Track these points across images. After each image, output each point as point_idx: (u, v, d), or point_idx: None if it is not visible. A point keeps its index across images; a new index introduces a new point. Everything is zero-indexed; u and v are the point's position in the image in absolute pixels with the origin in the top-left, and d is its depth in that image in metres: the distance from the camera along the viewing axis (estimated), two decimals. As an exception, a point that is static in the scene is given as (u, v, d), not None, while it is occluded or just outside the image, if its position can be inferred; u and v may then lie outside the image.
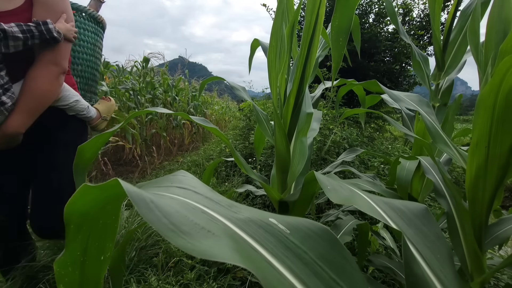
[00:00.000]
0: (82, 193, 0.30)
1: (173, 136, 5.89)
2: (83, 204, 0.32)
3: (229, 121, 9.44)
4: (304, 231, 0.31)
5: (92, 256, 0.36)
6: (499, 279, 1.21)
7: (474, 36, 0.73)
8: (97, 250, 0.37)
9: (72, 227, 0.33)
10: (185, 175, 0.42)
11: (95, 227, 0.35)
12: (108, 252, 0.38)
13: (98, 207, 0.34)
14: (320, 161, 2.77)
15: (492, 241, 0.66)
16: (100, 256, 0.37)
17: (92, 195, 0.31)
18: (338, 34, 0.74)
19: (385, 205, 0.48)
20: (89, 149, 0.58)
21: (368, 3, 6.20)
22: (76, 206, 0.31)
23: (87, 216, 0.33)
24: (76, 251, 0.35)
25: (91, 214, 0.34)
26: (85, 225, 0.34)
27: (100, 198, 0.32)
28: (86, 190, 0.30)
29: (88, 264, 0.36)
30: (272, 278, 0.25)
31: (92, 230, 0.35)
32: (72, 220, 0.32)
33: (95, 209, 0.34)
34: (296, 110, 0.86)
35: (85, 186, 0.30)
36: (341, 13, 0.73)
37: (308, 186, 0.73)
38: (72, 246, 0.34)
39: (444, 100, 1.10)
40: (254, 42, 1.20)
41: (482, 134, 0.53)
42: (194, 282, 1.54)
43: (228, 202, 0.34)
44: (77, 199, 0.31)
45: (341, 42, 0.75)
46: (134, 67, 5.54)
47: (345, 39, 0.74)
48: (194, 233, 0.26)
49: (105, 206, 0.34)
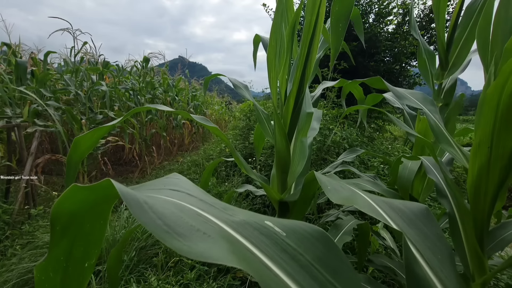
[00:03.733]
0: (71, 193, 0.29)
1: (173, 136, 5.89)
2: (71, 204, 0.30)
3: (229, 121, 9.44)
4: (300, 233, 0.30)
5: (76, 262, 0.34)
6: (499, 279, 1.20)
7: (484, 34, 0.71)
8: (82, 255, 0.34)
9: (57, 229, 0.30)
10: (179, 177, 0.41)
11: (82, 230, 0.33)
12: (93, 259, 0.35)
13: (87, 209, 0.32)
14: (320, 161, 2.76)
15: (495, 246, 0.65)
16: (84, 262, 0.35)
17: (81, 196, 0.30)
18: (338, 20, 0.74)
19: (386, 205, 0.48)
20: (85, 141, 0.56)
21: (368, 3, 6.19)
22: (64, 207, 0.29)
23: (75, 218, 0.31)
24: (60, 256, 0.32)
25: (79, 216, 0.32)
26: (72, 227, 0.32)
27: (89, 200, 0.31)
28: (75, 190, 0.28)
29: (71, 270, 0.34)
30: (269, 279, 0.24)
31: (78, 233, 0.33)
32: (59, 221, 0.30)
33: (83, 211, 0.32)
34: (296, 110, 0.86)
35: (75, 186, 0.28)
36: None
37: (308, 186, 0.72)
38: (56, 250, 0.32)
39: (447, 100, 1.09)
40: (256, 37, 1.19)
41: (485, 134, 0.52)
42: (194, 282, 1.53)
43: (223, 205, 0.34)
44: (66, 199, 0.29)
45: (341, 28, 0.74)
46: (134, 67, 5.54)
47: (344, 25, 0.74)
48: (190, 235, 0.25)
49: (94, 208, 0.33)
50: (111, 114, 3.76)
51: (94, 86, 3.63)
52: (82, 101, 3.56)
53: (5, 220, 2.05)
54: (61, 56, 4.09)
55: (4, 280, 1.43)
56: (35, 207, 2.30)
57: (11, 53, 3.48)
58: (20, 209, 2.22)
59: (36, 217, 2.19)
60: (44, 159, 2.69)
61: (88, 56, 4.14)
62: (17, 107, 2.91)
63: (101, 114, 3.73)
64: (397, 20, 6.23)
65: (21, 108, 3.04)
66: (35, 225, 2.03)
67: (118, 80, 4.77)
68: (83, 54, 4.05)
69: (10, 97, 2.77)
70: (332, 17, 0.75)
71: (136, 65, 5.48)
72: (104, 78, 4.36)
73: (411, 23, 1.10)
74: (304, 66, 0.80)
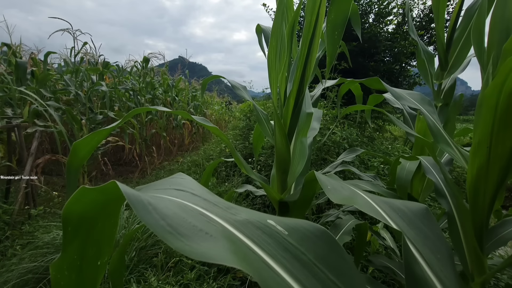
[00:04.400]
0: (80, 194, 0.29)
1: (173, 136, 5.89)
2: (82, 206, 0.31)
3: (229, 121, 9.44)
4: (302, 232, 0.30)
5: (89, 260, 0.35)
6: (499, 279, 1.20)
7: (479, 34, 0.72)
8: (95, 254, 0.35)
9: (69, 229, 0.32)
10: (184, 177, 0.41)
11: (93, 230, 0.34)
12: (106, 257, 0.37)
13: (97, 209, 0.33)
14: (320, 161, 2.76)
15: (495, 243, 0.66)
16: (97, 260, 0.36)
17: (90, 197, 0.31)
18: (334, 28, 0.73)
19: (386, 205, 0.48)
20: (84, 146, 0.56)
21: (368, 3, 6.20)
22: (74, 208, 0.30)
23: (85, 219, 0.32)
24: (73, 255, 0.33)
25: (89, 216, 0.33)
26: (83, 227, 0.33)
27: (98, 200, 0.32)
28: (84, 191, 0.29)
29: (85, 268, 0.35)
30: (270, 279, 0.25)
31: (90, 233, 0.34)
32: (70, 222, 0.31)
33: (93, 212, 0.33)
34: (296, 110, 0.86)
35: (83, 188, 0.29)
36: (337, 6, 0.72)
37: (308, 186, 0.72)
38: (69, 249, 0.33)
39: (446, 100, 1.09)
40: (258, 28, 1.19)
41: (484, 134, 0.52)
42: (194, 282, 1.54)
43: (226, 204, 0.34)
44: (76, 201, 0.30)
45: (337, 36, 0.74)
46: (134, 67, 5.54)
47: (340, 33, 0.73)
48: (192, 235, 0.26)
49: (104, 208, 0.33)
50: (111, 114, 3.76)
51: (94, 86, 3.63)
52: (82, 101, 3.57)
53: (5, 221, 2.05)
54: (61, 56, 4.10)
55: (4, 281, 1.43)
56: (35, 208, 2.30)
57: (11, 54, 3.48)
58: (20, 210, 2.22)
59: (36, 217, 2.19)
60: (44, 159, 2.69)
61: (88, 56, 4.14)
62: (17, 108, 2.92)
63: (101, 114, 3.73)
64: (397, 20, 6.23)
65: (21, 108, 3.05)
66: (35, 225, 2.03)
67: (118, 81, 4.77)
68: (83, 54, 4.05)
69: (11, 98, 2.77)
70: (328, 25, 0.74)
71: (136, 65, 5.48)
72: (104, 78, 4.36)
73: (409, 25, 1.11)
74: (304, 66, 0.80)
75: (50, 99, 3.25)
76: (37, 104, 2.90)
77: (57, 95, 3.48)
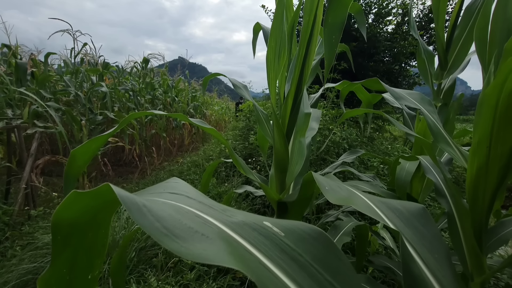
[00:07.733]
0: (71, 200, 0.28)
1: (173, 136, 5.89)
2: (73, 212, 0.29)
3: (228, 121, 9.45)
4: (299, 233, 0.30)
5: (79, 273, 0.32)
6: (499, 279, 1.20)
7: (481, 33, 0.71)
8: (85, 267, 0.33)
9: (59, 239, 0.29)
10: (178, 181, 0.41)
11: (84, 239, 0.32)
12: (97, 270, 0.34)
13: (89, 216, 0.31)
14: (319, 162, 2.76)
15: (494, 243, 0.65)
16: (88, 274, 0.33)
17: (82, 203, 0.29)
18: (331, 32, 0.73)
19: (383, 205, 0.48)
20: (82, 154, 0.54)
21: (368, 3, 6.20)
22: (64, 215, 0.28)
23: (76, 227, 0.30)
24: (62, 268, 0.31)
25: (81, 224, 0.31)
26: (74, 237, 0.31)
27: (91, 206, 0.30)
28: (76, 197, 0.28)
29: (74, 283, 0.32)
30: (267, 280, 0.24)
31: (81, 243, 0.32)
32: (60, 230, 0.29)
33: (85, 219, 0.30)
34: (294, 110, 0.86)
35: (75, 193, 0.27)
36: (335, 10, 0.72)
37: (306, 186, 0.72)
38: (58, 261, 0.30)
39: (446, 100, 1.09)
40: (256, 26, 1.18)
41: (484, 134, 0.52)
42: (194, 283, 1.53)
43: (222, 207, 0.34)
44: (66, 207, 0.28)
45: (334, 40, 0.73)
46: (134, 68, 5.54)
47: (338, 37, 0.73)
48: (188, 237, 0.25)
49: (96, 216, 0.31)
50: (111, 115, 3.76)
51: (94, 87, 3.63)
52: (82, 102, 3.57)
53: (5, 221, 2.05)
54: (61, 57, 4.11)
55: (4, 281, 1.43)
56: (35, 208, 2.30)
57: (11, 55, 3.48)
58: (20, 210, 2.22)
59: (36, 218, 2.19)
60: (44, 160, 2.69)
61: (88, 57, 4.14)
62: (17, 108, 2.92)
63: (101, 115, 3.73)
64: (397, 20, 6.24)
65: (21, 109, 3.05)
66: (35, 226, 2.03)
67: (118, 81, 4.77)
68: (83, 55, 4.05)
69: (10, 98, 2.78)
70: (325, 28, 0.74)
71: (135, 66, 5.48)
72: (104, 79, 4.37)
73: (410, 23, 1.11)
74: (302, 66, 0.80)
75: (50, 100, 3.25)
76: (37, 105, 2.90)
77: (57, 96, 3.48)
